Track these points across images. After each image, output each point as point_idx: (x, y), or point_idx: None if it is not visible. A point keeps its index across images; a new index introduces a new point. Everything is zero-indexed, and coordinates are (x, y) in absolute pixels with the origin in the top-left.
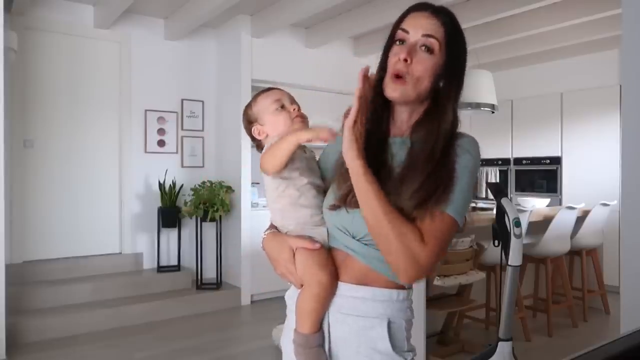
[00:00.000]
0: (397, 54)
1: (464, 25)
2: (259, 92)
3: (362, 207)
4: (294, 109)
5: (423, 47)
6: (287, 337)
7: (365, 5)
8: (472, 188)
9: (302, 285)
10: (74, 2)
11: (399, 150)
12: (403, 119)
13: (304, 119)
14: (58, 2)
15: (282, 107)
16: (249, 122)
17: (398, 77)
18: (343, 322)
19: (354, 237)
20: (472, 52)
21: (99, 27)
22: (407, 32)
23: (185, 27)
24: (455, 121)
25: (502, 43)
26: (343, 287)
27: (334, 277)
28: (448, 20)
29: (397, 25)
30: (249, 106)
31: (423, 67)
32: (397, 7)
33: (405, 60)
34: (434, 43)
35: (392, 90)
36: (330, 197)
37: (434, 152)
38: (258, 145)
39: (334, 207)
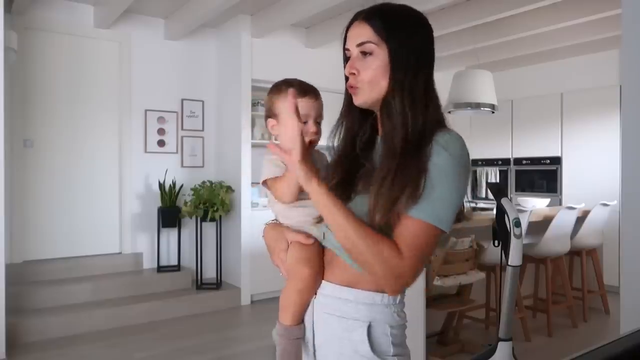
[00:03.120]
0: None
1: (464, 25)
2: (289, 87)
3: (332, 230)
4: (309, 132)
5: (361, 55)
6: None
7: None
8: (459, 188)
9: (288, 276)
10: (74, 2)
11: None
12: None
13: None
14: (58, 2)
15: (305, 122)
16: (270, 111)
17: (353, 88)
18: (327, 322)
19: None
20: (472, 52)
21: (99, 27)
22: (348, 49)
23: (185, 27)
24: (412, 111)
25: (502, 43)
26: (328, 287)
27: (318, 273)
28: (376, 19)
29: (343, 47)
30: (276, 97)
31: (369, 70)
32: None
33: (353, 73)
34: (369, 46)
35: (355, 100)
36: None
37: (392, 146)
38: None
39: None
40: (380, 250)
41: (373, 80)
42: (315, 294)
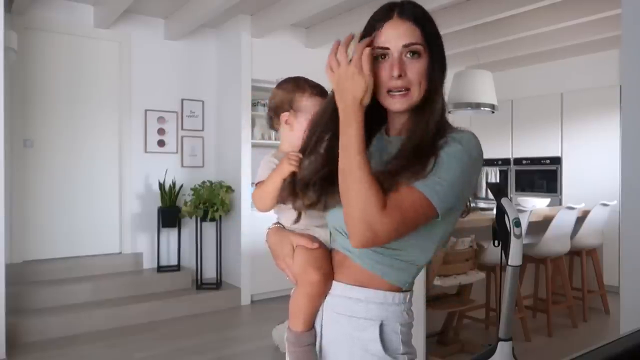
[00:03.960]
0: (386, 70)
1: (464, 25)
2: (306, 85)
3: (340, 158)
4: None
5: (409, 55)
6: None
7: (365, 5)
8: (464, 177)
9: (296, 282)
10: (74, 2)
11: (394, 147)
12: (402, 121)
13: None
14: (58, 2)
15: None
16: (289, 104)
17: (403, 92)
18: (336, 322)
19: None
20: (472, 52)
21: (99, 27)
22: (387, 48)
23: (185, 27)
24: (443, 108)
25: (502, 43)
26: (338, 287)
27: (328, 277)
28: (419, 16)
29: (370, 41)
30: (300, 94)
31: (417, 73)
32: None
33: (400, 75)
34: (418, 48)
35: (397, 104)
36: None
37: (423, 140)
38: (272, 125)
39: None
40: (368, 195)
41: (420, 83)
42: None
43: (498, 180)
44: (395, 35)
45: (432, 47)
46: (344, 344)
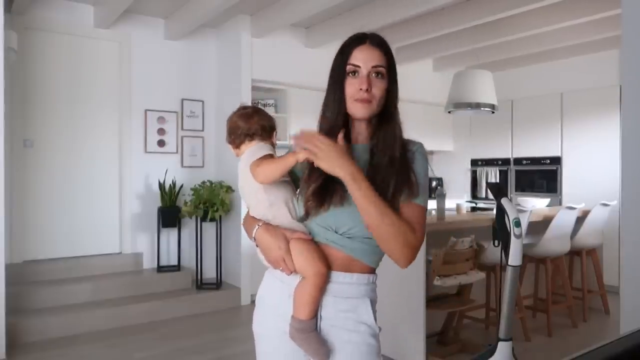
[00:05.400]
0: (354, 85)
1: (464, 25)
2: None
3: (362, 210)
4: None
5: (375, 75)
6: (261, 324)
7: (365, 5)
8: (428, 180)
9: (291, 272)
10: (74, 2)
11: (362, 155)
12: (362, 130)
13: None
14: (58, 2)
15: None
16: (274, 128)
17: (366, 101)
18: (334, 304)
19: (336, 232)
20: (472, 52)
21: (99, 27)
22: (358, 66)
23: (185, 27)
24: (401, 125)
25: (502, 43)
26: (333, 275)
27: (329, 267)
28: (386, 48)
29: (344, 61)
30: (271, 119)
31: (380, 90)
32: (396, 7)
33: (367, 90)
34: (383, 70)
35: (360, 110)
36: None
37: (394, 154)
38: (241, 143)
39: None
40: (402, 228)
41: (381, 97)
42: None
43: (498, 180)
44: (366, 58)
45: (391, 72)
46: (340, 320)
